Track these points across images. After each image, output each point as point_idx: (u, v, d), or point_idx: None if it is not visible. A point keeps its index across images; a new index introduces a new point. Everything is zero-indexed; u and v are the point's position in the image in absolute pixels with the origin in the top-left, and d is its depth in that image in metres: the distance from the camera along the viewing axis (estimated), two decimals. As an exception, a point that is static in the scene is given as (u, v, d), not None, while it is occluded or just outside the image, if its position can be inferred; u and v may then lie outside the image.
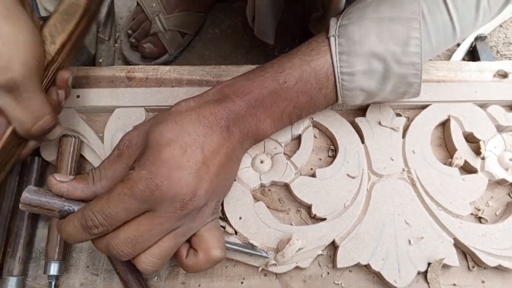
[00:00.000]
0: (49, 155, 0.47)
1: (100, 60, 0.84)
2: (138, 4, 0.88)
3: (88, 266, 0.44)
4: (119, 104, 0.50)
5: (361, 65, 0.39)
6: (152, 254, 0.35)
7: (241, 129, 0.39)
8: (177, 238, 0.36)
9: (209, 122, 0.37)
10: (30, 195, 0.36)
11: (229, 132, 0.38)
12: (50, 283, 0.42)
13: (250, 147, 0.43)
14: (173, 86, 0.52)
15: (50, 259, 0.42)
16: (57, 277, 0.43)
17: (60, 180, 0.36)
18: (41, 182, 0.47)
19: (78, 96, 0.50)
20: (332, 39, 0.40)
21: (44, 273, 0.42)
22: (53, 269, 0.42)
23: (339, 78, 0.40)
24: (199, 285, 0.43)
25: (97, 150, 0.48)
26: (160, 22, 0.86)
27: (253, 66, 0.54)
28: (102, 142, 0.48)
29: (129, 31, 0.89)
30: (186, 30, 0.89)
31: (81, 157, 0.48)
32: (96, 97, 0.50)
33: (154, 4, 0.86)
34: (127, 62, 0.87)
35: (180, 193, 0.34)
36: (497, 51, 0.89)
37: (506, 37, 0.90)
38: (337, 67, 0.40)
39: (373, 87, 0.41)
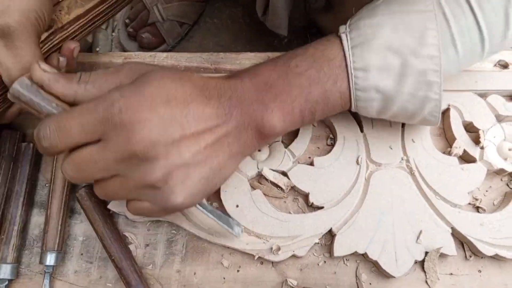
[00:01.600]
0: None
1: (97, 49, 0.83)
2: None
3: (82, 254, 0.44)
4: (115, 90, 0.49)
5: (376, 59, 0.36)
6: (96, 190, 0.34)
7: (242, 113, 0.35)
8: (122, 188, 0.33)
9: (210, 94, 0.34)
10: (21, 88, 0.34)
11: (227, 112, 0.34)
12: (47, 273, 0.42)
13: (252, 146, 0.37)
14: (170, 73, 0.51)
15: (48, 249, 0.42)
16: (53, 267, 0.42)
17: (44, 69, 0.34)
18: (35, 169, 0.46)
19: (73, 82, 0.49)
20: (343, 36, 0.38)
21: (40, 262, 0.42)
22: (50, 259, 0.42)
23: (352, 74, 0.37)
24: (195, 273, 0.43)
25: (93, 137, 0.47)
26: (159, 11, 0.85)
27: (252, 54, 0.53)
28: (98, 128, 0.47)
29: (127, 21, 0.88)
30: (185, 20, 0.89)
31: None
32: (92, 83, 0.50)
33: (152, -7, 0.85)
34: (124, 51, 0.87)
35: (138, 134, 0.30)
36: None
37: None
38: (350, 61, 0.37)
39: (390, 86, 0.37)
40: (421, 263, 0.42)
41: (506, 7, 0.37)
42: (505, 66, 0.51)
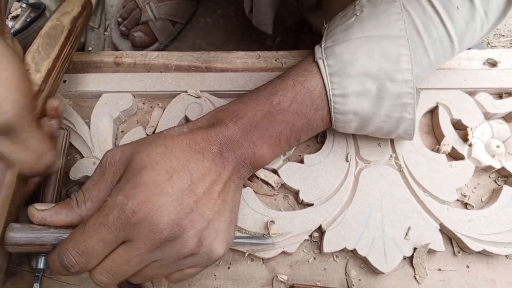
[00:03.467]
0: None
1: (90, 48, 0.83)
2: None
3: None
4: (106, 89, 0.49)
5: (354, 86, 0.38)
6: (136, 280, 0.35)
7: (236, 155, 0.37)
8: (161, 269, 0.34)
9: (201, 147, 0.35)
10: (14, 234, 0.34)
11: (223, 158, 0.36)
12: (37, 276, 0.42)
13: (249, 175, 0.40)
14: (161, 72, 0.51)
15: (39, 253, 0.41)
16: (44, 271, 0.42)
17: (41, 209, 0.34)
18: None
19: (64, 81, 0.49)
20: (320, 62, 0.39)
21: (30, 266, 0.41)
22: (40, 262, 0.41)
23: (331, 100, 0.38)
24: (186, 270, 0.43)
25: (84, 136, 0.47)
26: (151, 10, 0.85)
27: (243, 53, 0.53)
28: (89, 127, 0.47)
29: (119, 19, 0.88)
30: (177, 19, 0.88)
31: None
32: (83, 82, 0.50)
33: (144, -9, 0.85)
34: (117, 50, 0.86)
35: (160, 222, 0.31)
36: (488, 43, 0.89)
37: (497, 29, 0.90)
38: (329, 89, 0.38)
39: (367, 109, 0.38)
40: (410, 259, 0.43)
41: (472, 12, 0.40)
42: (493, 64, 0.52)
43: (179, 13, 0.88)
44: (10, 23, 0.64)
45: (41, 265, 0.41)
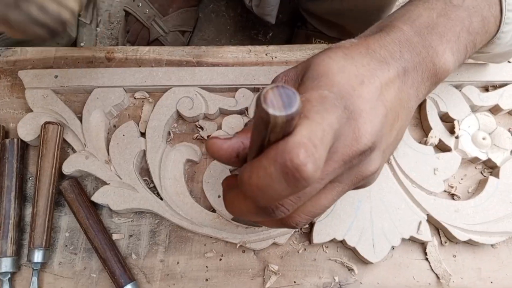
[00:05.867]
0: (26, 134, 0.46)
1: (82, 44, 0.83)
2: (127, 14, 0.85)
3: (66, 246, 0.44)
4: (98, 84, 0.49)
5: None
6: (307, 212, 0.28)
7: (416, 68, 0.31)
8: (334, 195, 0.28)
9: (382, 56, 0.30)
10: None
11: (405, 71, 0.30)
12: (34, 270, 0.42)
13: (424, 97, 0.33)
14: (152, 66, 0.52)
15: (36, 246, 0.42)
16: (42, 264, 0.43)
17: (225, 138, 0.28)
18: (22, 162, 0.46)
19: (56, 76, 0.50)
20: None
21: (27, 260, 0.42)
22: (38, 256, 0.42)
23: None
24: (178, 263, 0.44)
25: (76, 131, 0.47)
26: (159, 26, 0.84)
27: (234, 47, 0.54)
28: (81, 122, 0.48)
29: (128, 44, 0.86)
30: (185, 28, 0.87)
31: (60, 137, 0.48)
32: (74, 77, 0.50)
33: (147, 10, 0.83)
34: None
35: (365, 130, 0.26)
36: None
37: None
38: None
39: None
40: (398, 249, 0.44)
41: None
42: (480, 58, 0.53)
43: (186, 21, 0.87)
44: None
45: (39, 259, 0.42)
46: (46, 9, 0.19)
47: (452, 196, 0.47)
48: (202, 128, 0.49)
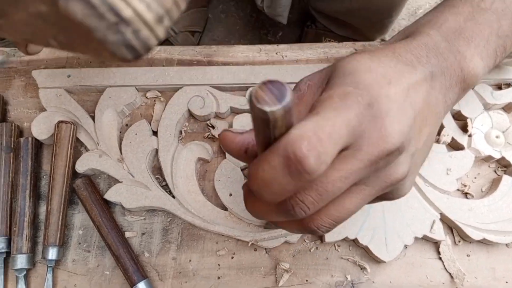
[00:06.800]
0: (40, 133, 0.47)
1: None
2: None
3: (80, 243, 0.45)
4: (110, 83, 0.50)
5: None
6: (330, 215, 0.27)
7: (444, 73, 0.30)
8: (361, 199, 0.27)
9: (408, 60, 0.29)
10: None
11: (432, 75, 0.29)
12: (49, 267, 0.43)
13: (452, 104, 0.32)
14: (163, 66, 0.52)
15: (50, 244, 0.42)
16: (56, 262, 0.43)
17: (238, 132, 0.28)
18: (36, 160, 0.47)
19: (69, 76, 0.50)
20: None
21: (42, 257, 0.43)
22: (52, 253, 0.42)
23: None
24: (190, 260, 0.44)
25: (89, 130, 0.48)
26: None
27: (244, 46, 0.54)
28: (94, 121, 0.48)
29: None
30: (195, 28, 0.88)
31: (73, 136, 0.48)
32: (87, 76, 0.50)
33: (155, 11, 0.84)
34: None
35: (392, 130, 0.25)
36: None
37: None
38: None
39: None
40: (411, 248, 0.43)
41: None
42: (493, 55, 0.52)
43: (195, 21, 0.87)
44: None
45: (53, 256, 0.42)
46: (139, 33, 0.19)
47: (466, 195, 0.46)
48: (213, 127, 0.49)
